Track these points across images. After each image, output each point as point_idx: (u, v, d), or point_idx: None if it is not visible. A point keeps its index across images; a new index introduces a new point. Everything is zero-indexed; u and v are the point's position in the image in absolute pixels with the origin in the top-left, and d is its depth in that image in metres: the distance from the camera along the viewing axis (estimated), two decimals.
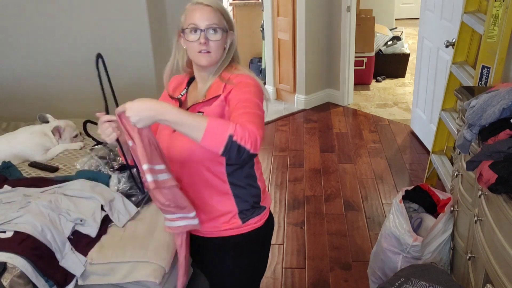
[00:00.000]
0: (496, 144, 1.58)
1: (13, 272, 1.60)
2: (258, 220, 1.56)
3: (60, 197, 1.97)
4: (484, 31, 2.41)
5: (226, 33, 1.44)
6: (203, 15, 1.40)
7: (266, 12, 4.87)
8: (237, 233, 1.54)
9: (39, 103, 3.16)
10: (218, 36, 1.41)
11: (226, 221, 1.52)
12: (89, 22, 3.00)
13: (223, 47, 1.45)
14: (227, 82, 1.41)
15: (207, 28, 1.40)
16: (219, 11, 1.42)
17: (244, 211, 1.53)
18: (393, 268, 2.15)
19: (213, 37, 1.41)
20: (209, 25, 1.40)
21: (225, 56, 1.46)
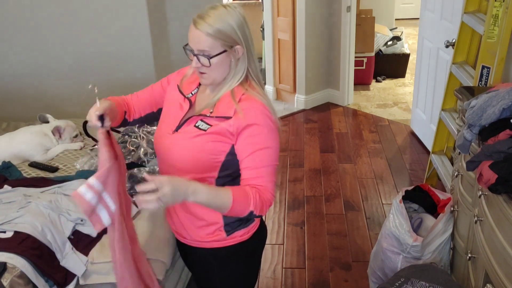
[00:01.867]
0: (496, 144, 1.58)
1: (13, 272, 1.60)
2: (245, 232, 1.51)
3: (60, 197, 1.97)
4: (484, 31, 2.41)
5: (225, 53, 1.33)
6: (194, 39, 1.32)
7: (266, 12, 4.87)
8: (221, 246, 1.50)
9: (39, 103, 3.16)
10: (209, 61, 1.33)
11: (210, 233, 1.48)
12: (89, 22, 3.00)
13: (224, 66, 1.36)
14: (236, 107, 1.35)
15: (197, 54, 1.34)
16: (211, 36, 1.30)
17: (230, 224, 1.48)
18: (393, 268, 2.15)
19: (205, 62, 1.33)
20: (199, 51, 1.33)
21: (234, 72, 1.38)
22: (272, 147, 1.37)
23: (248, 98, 1.37)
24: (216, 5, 1.35)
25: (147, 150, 2.30)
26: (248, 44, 1.37)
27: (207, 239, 1.49)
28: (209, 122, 1.38)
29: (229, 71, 1.38)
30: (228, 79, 1.39)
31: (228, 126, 1.35)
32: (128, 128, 2.59)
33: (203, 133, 1.37)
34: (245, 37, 1.35)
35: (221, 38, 1.31)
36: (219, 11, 1.32)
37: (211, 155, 1.37)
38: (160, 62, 3.15)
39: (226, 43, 1.32)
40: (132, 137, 2.41)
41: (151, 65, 3.08)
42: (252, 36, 1.39)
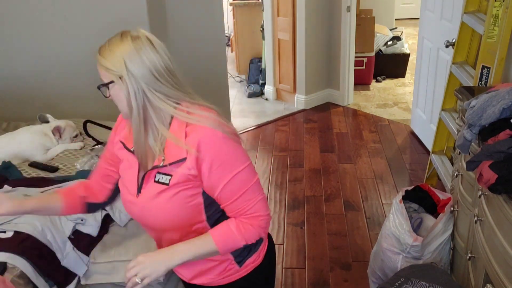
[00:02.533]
0: (496, 144, 1.58)
1: (13, 272, 1.60)
2: (257, 257, 1.43)
3: None
4: (484, 31, 2.41)
5: (114, 83, 1.22)
6: (98, 69, 1.25)
7: (266, 12, 4.87)
8: (235, 279, 1.41)
9: (39, 103, 3.16)
10: (108, 91, 1.23)
11: (222, 270, 1.40)
12: (89, 23, 3.00)
13: (121, 98, 1.22)
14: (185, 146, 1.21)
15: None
16: (100, 66, 1.23)
17: (240, 254, 1.40)
18: (393, 268, 2.15)
19: (105, 91, 1.24)
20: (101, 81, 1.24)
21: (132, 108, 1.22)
22: (240, 169, 1.25)
23: (193, 128, 1.22)
24: (115, 35, 1.27)
25: None
26: (140, 76, 1.20)
27: (221, 277, 1.41)
28: (168, 172, 1.25)
29: (130, 104, 1.22)
30: (136, 117, 1.23)
31: (187, 169, 1.22)
32: None
33: (167, 187, 1.25)
34: (136, 67, 1.20)
35: (107, 68, 1.21)
36: (112, 41, 1.25)
37: (187, 204, 1.27)
38: None
39: (114, 73, 1.20)
40: None
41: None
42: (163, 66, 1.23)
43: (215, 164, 1.22)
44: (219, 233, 1.27)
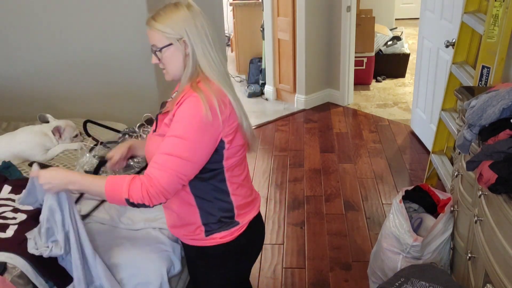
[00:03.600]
0: (496, 144, 1.58)
1: (13, 272, 1.59)
2: (227, 235, 1.51)
3: None
4: (484, 31, 2.41)
5: (172, 46, 1.40)
6: (148, 35, 1.42)
7: (266, 12, 4.87)
8: (199, 245, 1.52)
9: (39, 103, 3.16)
10: (161, 54, 1.41)
11: (190, 231, 1.51)
12: (89, 22, 3.00)
13: (176, 60, 1.42)
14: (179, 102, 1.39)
15: (152, 49, 1.43)
16: (156, 30, 1.39)
17: (209, 224, 1.49)
18: (393, 268, 2.15)
19: (159, 55, 1.42)
20: (152, 46, 1.42)
21: (187, 68, 1.42)
22: (183, 138, 1.33)
23: (188, 92, 1.38)
24: (168, 4, 1.41)
25: None
26: (195, 40, 1.39)
27: (189, 237, 1.53)
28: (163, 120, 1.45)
29: (183, 65, 1.42)
30: (184, 75, 1.43)
31: (169, 119, 1.40)
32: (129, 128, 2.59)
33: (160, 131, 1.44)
34: (192, 32, 1.38)
35: (165, 32, 1.38)
36: (167, 8, 1.40)
37: None
38: None
39: (171, 36, 1.38)
40: (133, 137, 2.41)
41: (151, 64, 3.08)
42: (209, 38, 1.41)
43: (175, 119, 1.36)
44: (113, 178, 1.37)
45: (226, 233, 1.51)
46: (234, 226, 1.52)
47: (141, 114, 2.56)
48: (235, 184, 1.51)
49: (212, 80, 1.41)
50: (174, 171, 1.33)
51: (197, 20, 1.39)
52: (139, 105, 3.13)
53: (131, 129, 2.53)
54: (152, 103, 3.18)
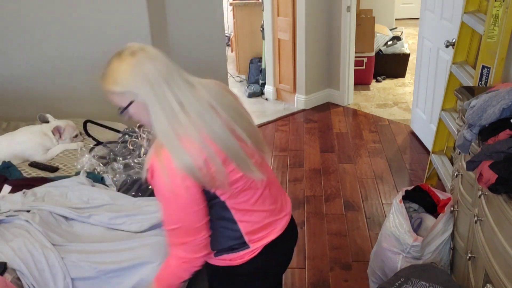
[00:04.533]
0: (496, 144, 1.58)
1: (13, 272, 1.59)
2: (237, 257, 1.41)
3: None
4: (484, 31, 2.41)
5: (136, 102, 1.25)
6: (108, 98, 1.31)
7: (266, 12, 4.87)
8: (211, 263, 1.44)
9: (39, 103, 3.16)
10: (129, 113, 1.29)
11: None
12: (89, 22, 3.00)
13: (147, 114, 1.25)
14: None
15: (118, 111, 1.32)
16: (110, 93, 1.27)
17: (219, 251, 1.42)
18: (393, 268, 2.15)
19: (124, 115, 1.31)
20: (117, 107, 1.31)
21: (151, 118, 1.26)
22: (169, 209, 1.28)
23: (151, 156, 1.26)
24: (111, 58, 1.27)
25: (147, 150, 2.30)
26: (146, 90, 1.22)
27: None
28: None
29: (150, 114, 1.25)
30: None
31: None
32: (129, 128, 2.59)
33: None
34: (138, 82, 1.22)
35: (118, 92, 1.25)
36: (111, 65, 1.26)
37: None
38: None
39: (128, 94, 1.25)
40: (133, 137, 2.42)
41: None
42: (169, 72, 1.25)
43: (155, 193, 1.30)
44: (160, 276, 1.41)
45: (235, 256, 1.41)
46: (245, 249, 1.41)
47: None
48: (241, 211, 1.38)
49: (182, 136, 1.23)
50: (178, 242, 1.32)
51: (145, 67, 1.22)
52: None
53: (131, 129, 2.53)
54: None
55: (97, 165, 2.23)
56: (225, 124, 1.29)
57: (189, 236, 1.30)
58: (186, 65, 1.55)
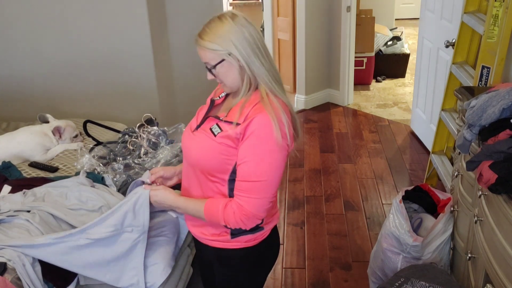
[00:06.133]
0: (496, 144, 1.58)
1: (13, 273, 1.59)
2: (251, 239, 1.50)
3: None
4: (484, 31, 2.41)
5: (225, 62, 1.37)
6: (199, 53, 1.40)
7: (266, 12, 4.87)
8: (224, 247, 1.51)
9: (39, 103, 3.16)
10: (216, 71, 1.39)
11: (215, 232, 1.50)
12: (89, 23, 3.00)
13: (232, 74, 1.39)
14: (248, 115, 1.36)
15: (206, 66, 1.41)
16: (206, 49, 1.36)
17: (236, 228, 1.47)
18: (393, 268, 2.15)
19: (214, 71, 1.40)
20: (205, 64, 1.40)
21: (245, 80, 1.39)
22: (258, 162, 1.35)
23: (259, 108, 1.36)
24: (212, 19, 1.37)
25: (147, 150, 2.30)
26: (247, 51, 1.35)
27: (212, 238, 1.51)
28: (221, 126, 1.41)
29: (241, 78, 1.39)
30: (242, 87, 1.40)
31: (235, 132, 1.36)
32: (129, 128, 2.59)
33: (214, 137, 1.40)
34: (242, 44, 1.35)
35: (214, 49, 1.35)
36: (212, 24, 1.36)
37: (221, 158, 1.40)
38: (160, 62, 3.15)
39: (222, 52, 1.35)
40: (133, 137, 2.42)
41: (151, 64, 3.09)
42: (260, 46, 1.37)
43: (250, 142, 1.34)
44: (210, 205, 1.42)
45: (251, 237, 1.50)
46: (259, 231, 1.51)
47: (141, 114, 2.56)
48: None
49: (274, 92, 1.40)
50: (258, 195, 1.36)
51: (245, 30, 1.35)
52: (139, 105, 3.13)
53: (131, 129, 2.53)
54: (152, 103, 3.18)
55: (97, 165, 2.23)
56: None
57: (266, 193, 1.37)
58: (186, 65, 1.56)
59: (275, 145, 1.34)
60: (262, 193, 1.37)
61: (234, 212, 1.37)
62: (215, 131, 1.40)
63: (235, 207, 1.38)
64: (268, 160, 1.35)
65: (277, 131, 1.33)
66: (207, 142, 1.41)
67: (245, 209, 1.37)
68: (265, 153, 1.35)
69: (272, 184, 1.37)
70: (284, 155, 1.39)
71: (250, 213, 1.37)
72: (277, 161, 1.36)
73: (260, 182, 1.36)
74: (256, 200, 1.37)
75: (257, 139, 1.34)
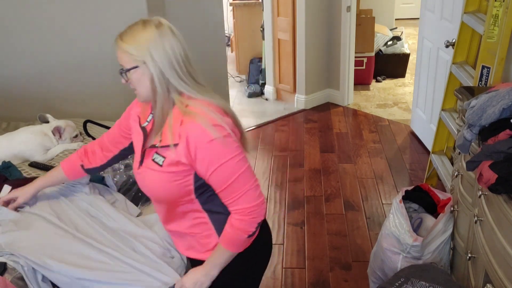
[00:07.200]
0: (496, 144, 1.58)
1: (13, 273, 1.59)
2: None
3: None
4: (484, 31, 2.41)
5: (138, 68, 1.32)
6: (117, 54, 1.35)
7: (266, 12, 4.87)
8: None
9: (39, 103, 3.16)
10: (129, 76, 1.34)
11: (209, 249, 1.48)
12: (89, 23, 3.00)
13: (144, 82, 1.33)
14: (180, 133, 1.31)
15: (119, 70, 1.36)
16: (122, 51, 1.32)
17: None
18: (393, 268, 2.15)
19: (126, 76, 1.35)
20: (120, 67, 1.36)
21: (161, 91, 1.33)
22: (224, 161, 1.31)
23: (187, 122, 1.30)
24: (136, 22, 1.34)
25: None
26: (162, 63, 1.31)
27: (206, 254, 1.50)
28: (162, 154, 1.36)
29: (154, 88, 1.33)
30: (159, 99, 1.34)
31: (177, 156, 1.32)
32: None
33: (160, 167, 1.36)
34: (158, 56, 1.30)
35: (131, 54, 1.31)
36: (134, 28, 1.33)
37: (177, 184, 1.36)
38: None
39: (137, 59, 1.31)
40: None
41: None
42: (180, 61, 1.33)
43: (200, 157, 1.30)
44: (225, 239, 1.40)
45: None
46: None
47: None
48: None
49: (198, 99, 1.35)
50: (242, 189, 1.35)
51: (166, 42, 1.31)
52: None
53: None
54: None
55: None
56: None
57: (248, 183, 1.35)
58: None
59: (221, 142, 1.30)
60: (245, 185, 1.34)
61: (241, 219, 1.36)
62: (159, 161, 1.36)
63: (238, 216, 1.37)
64: (228, 157, 1.31)
65: (215, 133, 1.29)
66: (155, 175, 1.37)
67: (245, 208, 1.36)
68: (220, 155, 1.30)
69: (246, 172, 1.35)
70: (234, 140, 1.33)
71: (251, 207, 1.36)
72: (235, 151, 1.32)
73: (237, 179, 1.33)
74: (245, 195, 1.35)
75: (204, 150, 1.29)
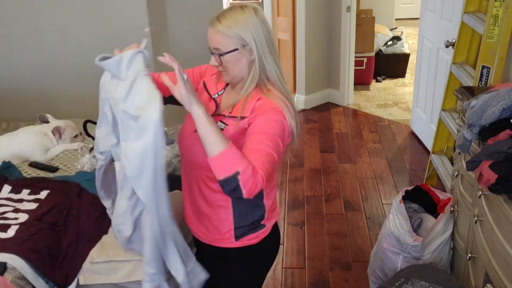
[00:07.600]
0: (496, 144, 1.58)
1: (13, 272, 1.59)
2: (254, 237, 1.51)
3: None
4: (484, 31, 2.41)
5: (237, 51, 1.33)
6: (210, 38, 1.36)
7: (266, 12, 4.87)
8: (227, 246, 1.50)
9: (39, 103, 3.16)
10: (224, 58, 1.35)
11: (218, 234, 1.49)
12: (89, 22, 3.00)
13: (239, 65, 1.36)
14: (255, 107, 1.34)
15: (213, 52, 1.37)
16: (222, 34, 1.32)
17: (241, 228, 1.47)
18: (393, 268, 2.15)
19: (218, 59, 1.36)
20: (214, 49, 1.36)
21: (251, 74, 1.37)
22: (275, 135, 1.28)
23: (267, 100, 1.34)
24: (233, 6, 1.36)
25: None
26: (262, 47, 1.34)
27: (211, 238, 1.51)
28: (226, 122, 1.38)
29: (246, 70, 1.37)
30: (247, 80, 1.38)
31: (243, 124, 1.34)
32: None
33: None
34: (259, 39, 1.33)
35: (231, 36, 1.32)
36: (233, 11, 1.34)
37: None
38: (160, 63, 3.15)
39: (237, 41, 1.32)
40: None
41: (151, 66, 3.08)
42: (273, 44, 1.37)
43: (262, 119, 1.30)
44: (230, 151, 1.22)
45: (254, 235, 1.50)
46: (261, 228, 1.51)
47: None
48: (269, 187, 1.49)
49: (282, 91, 1.38)
50: (269, 165, 1.25)
51: (263, 27, 1.34)
52: None
53: None
54: None
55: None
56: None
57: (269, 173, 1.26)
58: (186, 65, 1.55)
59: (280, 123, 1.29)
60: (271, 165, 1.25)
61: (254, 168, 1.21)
62: (221, 126, 1.37)
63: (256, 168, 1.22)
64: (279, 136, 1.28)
65: (283, 114, 1.31)
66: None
67: (260, 175, 1.22)
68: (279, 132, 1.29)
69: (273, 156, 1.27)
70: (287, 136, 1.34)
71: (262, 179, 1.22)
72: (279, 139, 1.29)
73: (270, 153, 1.26)
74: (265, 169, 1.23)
75: (271, 117, 1.30)
